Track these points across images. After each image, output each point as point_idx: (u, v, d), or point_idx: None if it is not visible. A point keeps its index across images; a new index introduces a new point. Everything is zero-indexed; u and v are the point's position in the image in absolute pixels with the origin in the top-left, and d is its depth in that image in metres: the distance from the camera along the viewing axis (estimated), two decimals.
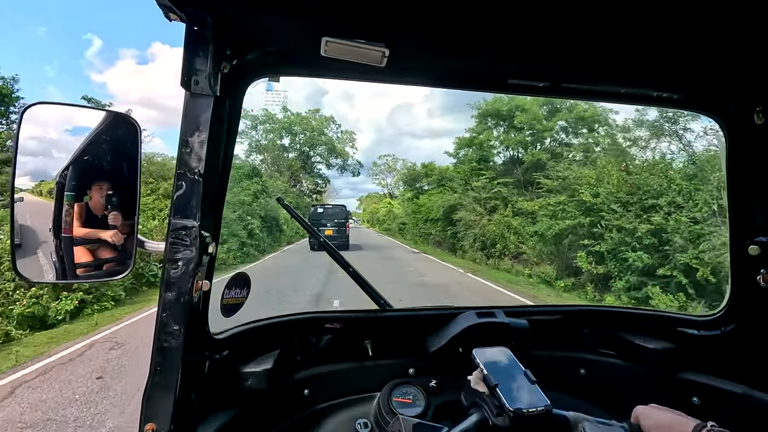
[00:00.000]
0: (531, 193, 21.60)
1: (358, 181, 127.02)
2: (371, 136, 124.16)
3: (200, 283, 0.79)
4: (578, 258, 12.15)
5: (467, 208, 21.67)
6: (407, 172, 48.07)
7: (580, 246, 12.45)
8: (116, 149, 0.85)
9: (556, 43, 0.85)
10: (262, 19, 0.77)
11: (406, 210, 46.12)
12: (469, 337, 1.14)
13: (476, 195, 21.67)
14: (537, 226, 15.28)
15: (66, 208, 0.79)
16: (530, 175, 22.68)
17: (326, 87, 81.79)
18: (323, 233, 16.56)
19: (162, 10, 0.68)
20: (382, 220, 59.63)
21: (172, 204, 0.74)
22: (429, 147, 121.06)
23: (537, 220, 17.83)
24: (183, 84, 0.72)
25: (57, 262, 0.81)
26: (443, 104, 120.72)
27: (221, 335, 1.01)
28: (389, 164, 79.45)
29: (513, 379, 0.91)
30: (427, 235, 31.35)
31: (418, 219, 33.86)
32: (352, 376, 1.22)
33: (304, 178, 56.38)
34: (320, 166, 59.90)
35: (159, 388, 0.73)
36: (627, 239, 10.70)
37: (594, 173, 12.89)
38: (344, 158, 61.24)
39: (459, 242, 22.20)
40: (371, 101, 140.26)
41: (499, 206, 20.76)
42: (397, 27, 0.79)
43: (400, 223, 45.19)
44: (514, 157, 25.23)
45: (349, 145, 62.90)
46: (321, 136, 57.66)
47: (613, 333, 1.32)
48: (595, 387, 1.27)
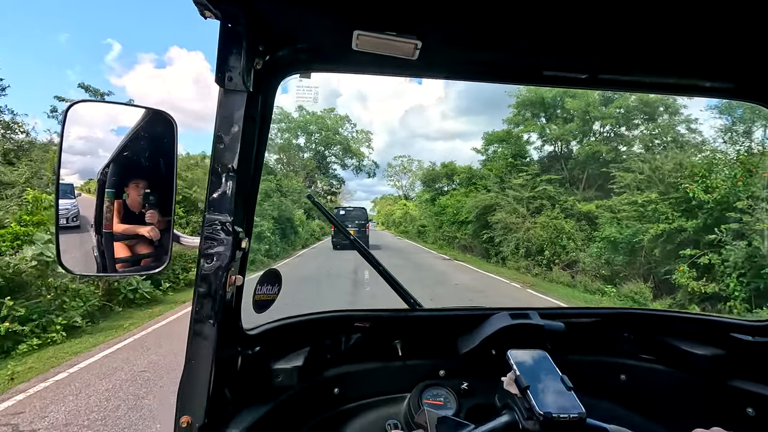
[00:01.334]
0: (585, 191, 18.72)
1: (372, 183, 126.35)
2: (384, 138, 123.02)
3: (233, 278, 0.79)
4: (677, 273, 9.34)
5: (506, 209, 18.91)
6: (426, 172, 45.94)
7: (674, 256, 9.64)
8: (154, 146, 0.84)
9: (597, 31, 0.81)
10: (295, 14, 0.77)
11: (424, 212, 43.94)
12: (502, 339, 1.10)
13: (517, 194, 18.88)
14: (607, 230, 12.47)
15: (106, 204, 0.81)
16: (582, 170, 19.83)
17: (339, 89, 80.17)
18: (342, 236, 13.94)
19: (198, 8, 0.69)
20: (398, 222, 58.01)
21: (207, 199, 0.74)
22: (442, 149, 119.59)
23: (599, 222, 15.05)
24: (217, 80, 0.73)
25: (98, 257, 0.83)
26: (457, 106, 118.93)
27: (253, 331, 1.00)
28: (404, 165, 77.93)
29: (547, 382, 0.85)
30: (452, 238, 28.74)
31: (443, 221, 31.24)
32: (381, 376, 1.20)
33: (319, 178, 55.25)
34: (335, 166, 58.82)
35: (193, 381, 0.74)
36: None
37: (704, 163, 9.99)
38: (360, 158, 60.09)
39: (496, 248, 19.44)
40: (384, 103, 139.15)
41: (545, 207, 17.95)
42: (430, 19, 0.76)
43: (419, 225, 42.63)
44: (557, 151, 22.38)
45: (364, 145, 61.74)
46: (336, 136, 56.77)
47: (655, 337, 1.26)
48: (636, 393, 1.22)
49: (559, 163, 21.61)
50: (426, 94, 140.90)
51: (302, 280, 11.60)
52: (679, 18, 0.73)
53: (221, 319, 0.74)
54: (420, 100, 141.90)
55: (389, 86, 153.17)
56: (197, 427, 0.73)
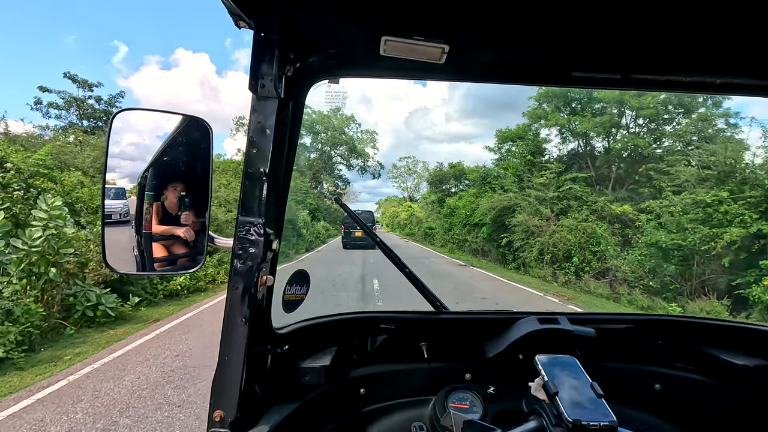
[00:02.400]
0: (616, 191, 16.98)
1: (376, 185, 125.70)
2: (389, 140, 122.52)
3: (265, 278, 0.81)
4: (758, 287, 7.62)
5: (528, 210, 17.23)
6: (433, 173, 44.40)
7: (748, 266, 7.92)
8: (190, 151, 0.88)
9: (629, 29, 0.79)
10: (324, 22, 0.78)
11: (430, 213, 42.39)
12: (529, 343, 1.09)
13: (540, 194, 17.19)
14: (654, 234, 10.75)
15: (146, 206, 0.84)
16: (612, 168, 18.09)
17: (345, 91, 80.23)
18: (354, 234, 19.40)
19: (232, 18, 0.73)
20: (403, 224, 56.63)
21: (240, 202, 0.77)
22: (447, 151, 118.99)
23: (638, 225, 13.33)
24: (250, 87, 0.75)
25: (138, 256, 0.87)
26: (461, 108, 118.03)
27: (282, 330, 1.03)
28: (409, 166, 76.63)
29: (576, 389, 0.83)
30: (463, 242, 27.07)
31: (453, 223, 29.58)
32: (407, 377, 1.20)
33: (325, 179, 54.27)
34: (341, 166, 57.87)
35: (226, 378, 0.77)
36: None
37: None
38: (365, 159, 59.19)
39: (514, 253, 17.74)
40: (388, 104, 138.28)
41: (571, 208, 16.24)
42: (457, 23, 0.77)
43: (426, 227, 41.02)
44: (581, 147, 20.65)
45: (370, 145, 60.78)
46: (342, 136, 55.88)
47: (693, 346, 1.22)
48: (671, 404, 1.19)
49: (582, 161, 19.89)
50: (430, 97, 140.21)
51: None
52: (715, 12, 0.70)
53: (253, 318, 0.76)
54: (424, 102, 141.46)
55: (393, 89, 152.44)
56: (229, 421, 0.76)
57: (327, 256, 20.35)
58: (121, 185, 1.08)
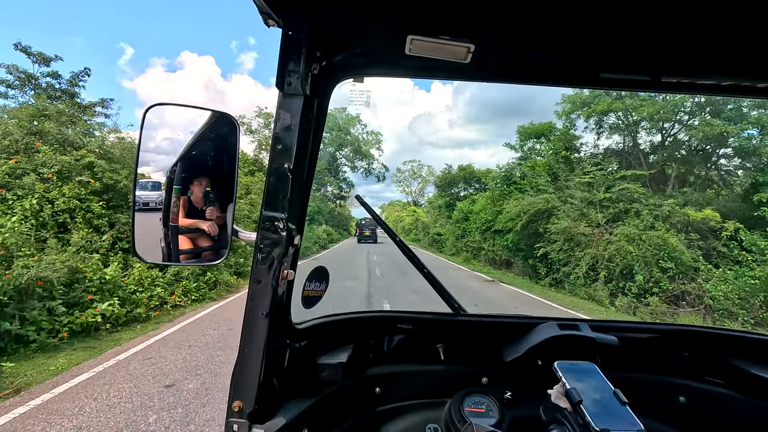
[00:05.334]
0: (687, 192, 13.83)
1: (379, 189, 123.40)
2: (392, 145, 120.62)
3: (286, 273, 0.81)
4: None
5: (571, 215, 14.12)
6: (442, 176, 41.51)
7: None
8: (217, 146, 0.89)
9: (660, 29, 0.75)
10: (351, 20, 0.79)
11: (438, 218, 39.41)
12: (549, 349, 1.07)
13: (586, 195, 14.09)
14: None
15: (173, 200, 0.85)
16: (679, 164, 14.98)
17: (369, 90, 77.66)
18: (364, 234, 35.59)
19: (262, 17, 0.73)
20: (408, 230, 53.64)
21: (264, 197, 0.78)
22: (450, 156, 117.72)
23: (728, 236, 10.21)
24: (277, 85, 0.76)
25: (165, 247, 0.88)
26: (466, 114, 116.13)
27: (302, 325, 1.03)
28: (414, 170, 73.91)
29: (600, 397, 0.83)
30: (478, 250, 23.96)
31: (467, 229, 26.49)
32: (423, 378, 1.19)
33: (329, 181, 51.72)
34: (345, 168, 55.35)
35: (246, 370, 0.77)
36: None
37: None
38: (370, 160, 56.59)
39: (551, 266, 14.61)
40: (392, 109, 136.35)
41: (628, 213, 13.13)
42: (484, 22, 0.75)
43: (434, 233, 37.94)
44: (630, 140, 17.57)
45: (375, 147, 58.13)
46: (347, 136, 53.28)
47: (721, 359, 1.17)
48: (698, 418, 1.14)
49: (631, 157, 16.80)
50: (434, 102, 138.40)
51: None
52: (750, 10, 0.66)
53: (273, 312, 0.77)
54: (428, 107, 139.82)
55: (398, 93, 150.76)
56: (248, 412, 0.77)
57: (328, 264, 17.28)
58: (156, 179, 0.85)
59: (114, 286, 6.83)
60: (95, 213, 7.99)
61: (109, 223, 8.23)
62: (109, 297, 6.65)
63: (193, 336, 6.16)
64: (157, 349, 5.55)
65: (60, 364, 4.94)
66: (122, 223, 8.32)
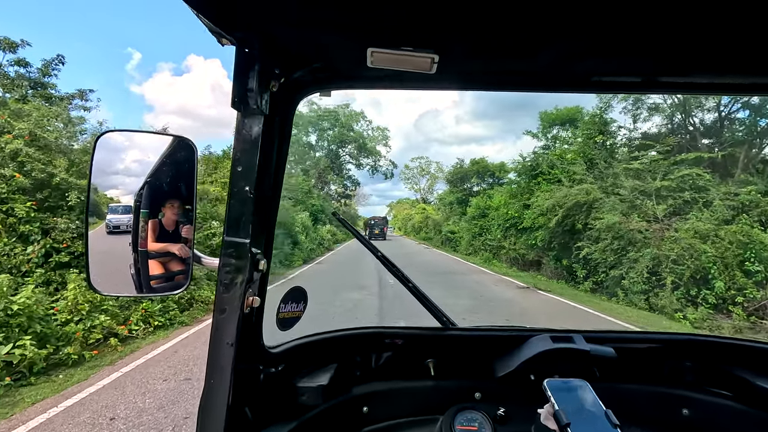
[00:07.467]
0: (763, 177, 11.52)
1: (386, 188, 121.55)
2: (399, 143, 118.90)
3: (251, 299, 0.78)
4: None
5: (619, 208, 11.85)
6: (453, 171, 39.30)
7: None
8: (177, 170, 0.87)
9: (654, 28, 0.70)
10: (308, 36, 0.77)
11: (450, 215, 37.25)
12: (542, 363, 1.04)
13: (638, 184, 11.81)
14: None
15: (141, 224, 0.83)
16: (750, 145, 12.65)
17: (353, 94, 74.69)
18: (374, 232, 37.29)
19: (214, 36, 0.71)
20: (418, 228, 51.49)
21: (225, 222, 0.75)
22: (457, 153, 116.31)
23: None
24: (233, 105, 0.73)
25: (134, 275, 0.84)
26: (473, 110, 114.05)
27: (276, 349, 0.99)
28: (422, 167, 71.62)
29: (590, 419, 0.81)
30: (498, 249, 21.76)
31: (485, 227, 24.27)
32: (412, 395, 1.16)
33: (332, 179, 49.89)
34: (349, 165, 53.41)
35: (212, 402, 0.74)
36: None
37: None
38: (376, 157, 54.58)
39: (596, 268, 12.37)
40: (398, 106, 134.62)
41: (694, 204, 10.84)
42: (447, 31, 0.71)
43: (447, 231, 35.75)
44: (676, 119, 15.23)
45: (381, 143, 56.02)
46: (351, 132, 51.25)
47: (725, 369, 1.14)
48: (702, 431, 1.11)
49: (683, 139, 14.45)
50: (440, 99, 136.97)
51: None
52: (741, 7, 0.63)
53: (239, 339, 0.74)
54: (434, 104, 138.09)
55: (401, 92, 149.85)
56: None
57: (330, 271, 15.22)
58: (126, 201, 0.82)
59: (29, 319, 4.85)
60: (20, 216, 6.02)
61: (42, 230, 6.27)
62: (19, 334, 4.69)
63: (128, 394, 4.15)
64: (58, 425, 3.55)
65: None
66: (61, 229, 6.35)
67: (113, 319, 5.94)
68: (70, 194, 6.54)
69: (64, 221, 6.36)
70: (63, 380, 4.63)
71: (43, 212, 6.41)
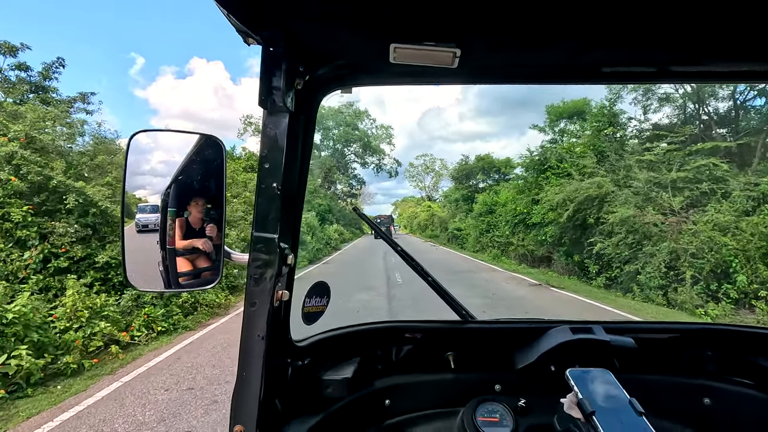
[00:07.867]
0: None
1: (391, 186, 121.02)
2: (403, 141, 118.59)
3: (280, 293, 0.80)
4: None
5: (633, 201, 11.47)
6: (459, 167, 38.82)
7: None
8: (206, 168, 0.89)
9: (669, 15, 0.69)
10: (332, 33, 0.77)
11: (456, 212, 36.86)
12: (562, 354, 1.04)
13: (653, 176, 11.42)
14: None
15: (169, 222, 0.84)
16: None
17: (357, 93, 73.94)
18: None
19: (241, 35, 0.72)
20: (424, 225, 51.15)
21: (254, 218, 0.76)
22: (461, 150, 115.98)
23: None
24: (260, 103, 0.74)
25: (163, 272, 0.86)
26: (476, 107, 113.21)
27: (303, 342, 1.01)
28: (427, 164, 71.14)
29: (614, 407, 0.80)
30: (506, 245, 21.40)
31: (493, 223, 23.92)
32: (433, 388, 1.17)
33: (338, 178, 49.74)
34: (354, 164, 53.21)
35: (245, 392, 0.75)
36: None
37: None
38: (380, 156, 54.25)
39: (609, 263, 12.01)
40: (401, 106, 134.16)
41: (712, 196, 10.44)
42: (469, 26, 0.73)
43: (453, 228, 35.37)
44: (689, 108, 14.77)
45: (385, 141, 55.67)
46: (355, 132, 51.03)
47: (747, 358, 1.13)
48: (724, 421, 1.10)
49: (696, 126, 13.99)
50: (443, 97, 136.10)
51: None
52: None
53: (270, 333, 0.75)
54: (437, 102, 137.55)
55: (405, 91, 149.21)
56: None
57: (338, 274, 14.98)
58: (153, 201, 0.85)
59: (25, 327, 4.66)
60: (16, 221, 5.83)
61: (39, 235, 6.08)
62: (15, 344, 4.50)
63: (127, 406, 3.94)
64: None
65: None
66: (59, 233, 6.17)
67: (114, 325, 5.75)
68: (68, 197, 6.35)
69: (62, 225, 6.17)
70: (61, 391, 4.43)
71: (40, 216, 6.23)
